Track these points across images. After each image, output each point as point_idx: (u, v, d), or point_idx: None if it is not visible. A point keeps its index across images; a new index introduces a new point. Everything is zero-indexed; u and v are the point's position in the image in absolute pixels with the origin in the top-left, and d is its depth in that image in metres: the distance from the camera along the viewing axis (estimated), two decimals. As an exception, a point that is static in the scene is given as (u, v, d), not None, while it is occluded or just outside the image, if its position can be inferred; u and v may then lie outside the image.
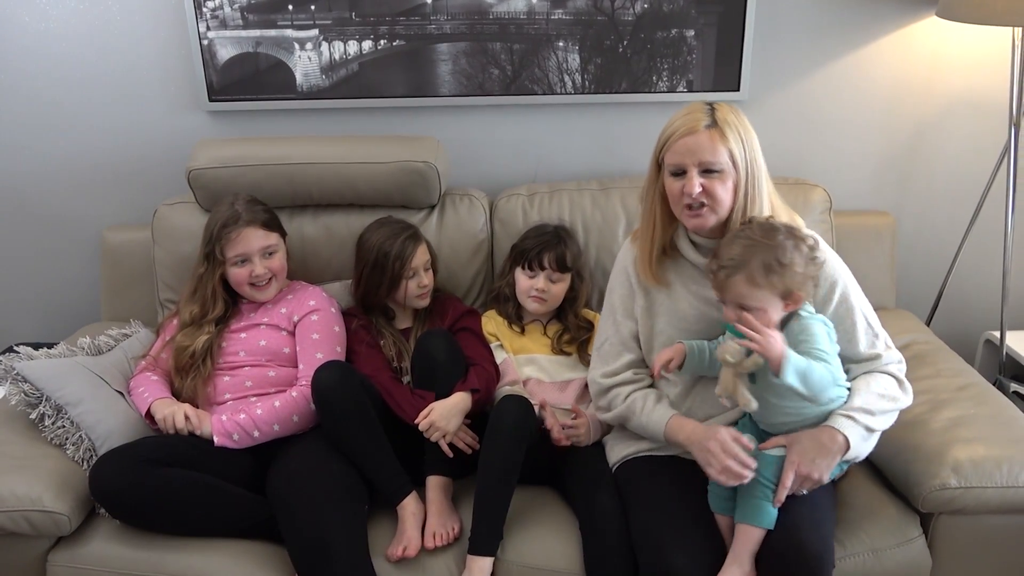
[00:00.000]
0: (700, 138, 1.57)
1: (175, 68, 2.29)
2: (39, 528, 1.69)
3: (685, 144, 1.58)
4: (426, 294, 2.02)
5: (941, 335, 2.22)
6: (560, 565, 1.68)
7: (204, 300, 1.97)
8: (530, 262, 2.00)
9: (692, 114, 1.60)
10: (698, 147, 1.57)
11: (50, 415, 1.84)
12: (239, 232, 1.94)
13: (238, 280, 1.97)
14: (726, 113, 1.60)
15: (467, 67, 2.28)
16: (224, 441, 1.80)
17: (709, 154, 1.57)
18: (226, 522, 1.73)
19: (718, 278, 1.55)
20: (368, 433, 1.77)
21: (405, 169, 2.12)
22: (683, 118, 1.60)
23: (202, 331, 1.95)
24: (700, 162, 1.57)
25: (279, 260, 2.01)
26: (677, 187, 1.60)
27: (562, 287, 2.00)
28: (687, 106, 1.63)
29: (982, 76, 2.29)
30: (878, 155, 2.40)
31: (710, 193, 1.58)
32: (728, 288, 1.53)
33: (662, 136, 1.63)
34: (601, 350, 1.80)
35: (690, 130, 1.58)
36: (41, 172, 2.40)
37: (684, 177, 1.59)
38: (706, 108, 1.60)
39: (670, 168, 1.61)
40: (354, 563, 1.64)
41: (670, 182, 1.62)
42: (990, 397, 1.89)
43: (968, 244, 2.32)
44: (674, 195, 1.62)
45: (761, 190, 1.62)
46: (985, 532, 1.70)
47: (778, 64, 2.30)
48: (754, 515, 1.54)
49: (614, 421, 1.78)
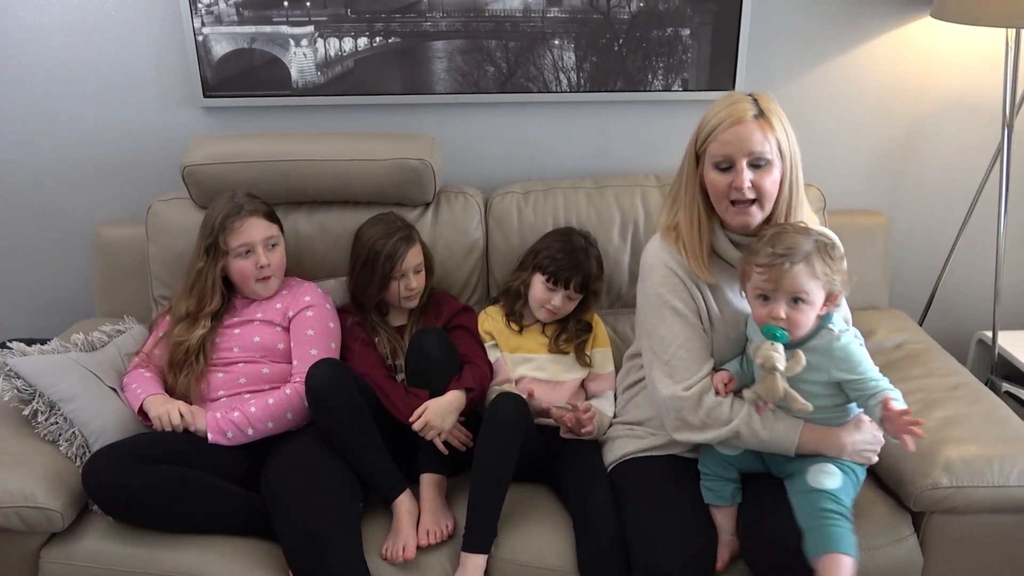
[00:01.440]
0: (749, 127, 1.52)
1: (170, 64, 2.28)
2: (32, 524, 1.68)
3: (735, 133, 1.52)
4: (414, 296, 2.01)
5: (934, 335, 2.23)
6: (553, 562, 1.68)
7: (202, 294, 1.96)
8: (556, 278, 1.94)
9: (737, 104, 1.54)
10: (748, 137, 1.52)
11: (43, 411, 1.83)
12: (243, 222, 1.94)
13: (244, 273, 1.96)
14: (769, 102, 1.56)
15: (462, 65, 2.28)
16: (218, 438, 1.80)
17: (759, 144, 1.52)
18: (220, 519, 1.73)
19: (776, 269, 1.49)
20: (362, 431, 1.77)
21: (400, 166, 2.11)
22: (728, 108, 1.54)
23: (197, 326, 1.94)
24: (750, 153, 1.52)
25: (279, 254, 2.00)
26: (724, 181, 1.55)
27: (574, 304, 1.99)
28: (727, 96, 1.58)
29: (975, 77, 2.30)
30: (872, 154, 2.41)
31: (758, 187, 1.54)
32: (787, 278, 1.48)
33: (704, 126, 1.57)
34: (672, 361, 1.63)
35: (738, 119, 1.52)
36: (35, 167, 2.39)
37: (731, 171, 1.54)
38: (749, 98, 1.56)
39: (715, 160, 1.55)
40: (348, 560, 1.64)
41: (714, 176, 1.56)
42: (982, 397, 1.90)
43: (961, 244, 2.33)
44: (719, 190, 1.56)
45: (801, 183, 1.59)
46: (977, 531, 1.71)
47: (773, 63, 2.30)
48: (839, 542, 1.46)
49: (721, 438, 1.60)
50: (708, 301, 1.66)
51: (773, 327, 1.50)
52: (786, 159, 1.55)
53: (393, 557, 1.68)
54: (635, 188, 2.22)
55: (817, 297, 1.51)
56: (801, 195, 1.60)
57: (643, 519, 1.61)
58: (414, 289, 1.99)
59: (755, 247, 1.54)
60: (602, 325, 2.06)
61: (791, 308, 1.50)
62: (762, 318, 1.53)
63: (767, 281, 1.51)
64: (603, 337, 2.04)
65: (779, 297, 1.51)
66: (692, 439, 1.62)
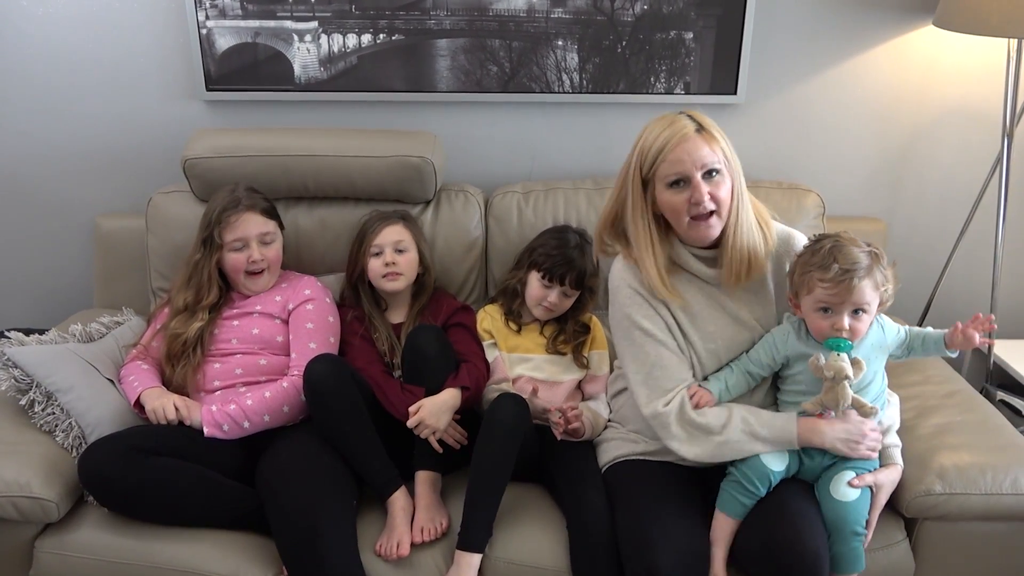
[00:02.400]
0: (695, 142, 1.55)
1: (173, 56, 2.29)
2: (26, 514, 1.68)
3: (684, 150, 1.55)
4: (393, 276, 1.99)
5: (930, 342, 2.24)
6: (547, 562, 1.69)
7: (199, 286, 1.97)
8: (551, 275, 1.96)
9: (676, 122, 1.57)
10: (697, 151, 1.55)
11: (40, 401, 1.83)
12: (239, 216, 1.95)
13: (235, 266, 1.97)
14: (702, 117, 1.60)
15: (466, 63, 2.28)
16: (214, 432, 1.80)
17: (708, 156, 1.55)
18: (214, 512, 1.73)
19: (845, 284, 1.53)
20: (358, 427, 1.77)
21: (401, 163, 2.12)
22: (668, 128, 1.57)
23: (195, 318, 1.94)
24: (703, 166, 1.55)
25: (275, 250, 2.01)
26: (680, 199, 1.57)
27: (571, 301, 1.99)
28: (660, 119, 1.60)
29: (977, 86, 2.31)
30: (872, 162, 2.41)
31: (715, 198, 1.56)
32: (855, 292, 1.53)
33: (648, 150, 1.57)
34: (648, 380, 1.65)
35: (683, 137, 1.55)
36: (36, 158, 2.39)
37: (687, 187, 1.56)
38: (683, 115, 1.59)
39: (668, 179, 1.57)
40: (342, 556, 1.64)
41: (669, 195, 1.58)
42: (977, 405, 1.91)
43: (958, 253, 2.34)
44: (677, 207, 1.58)
45: (744, 189, 1.62)
46: (968, 538, 1.72)
47: (775, 69, 2.31)
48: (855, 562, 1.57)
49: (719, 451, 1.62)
50: (678, 316, 1.68)
51: (837, 339, 1.56)
52: (733, 168, 1.59)
53: (387, 554, 1.68)
54: (635, 190, 2.22)
55: (875, 306, 1.59)
56: (745, 205, 1.62)
57: (636, 522, 1.61)
58: (391, 265, 1.99)
59: (816, 261, 1.56)
60: (600, 327, 2.06)
61: (853, 319, 1.56)
62: (824, 330, 1.58)
63: (834, 296, 1.54)
64: (601, 339, 2.04)
65: (843, 310, 1.56)
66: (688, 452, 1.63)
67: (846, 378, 1.55)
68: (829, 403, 1.58)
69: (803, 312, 1.62)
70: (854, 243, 1.58)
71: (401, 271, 2.00)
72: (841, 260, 1.54)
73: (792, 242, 1.71)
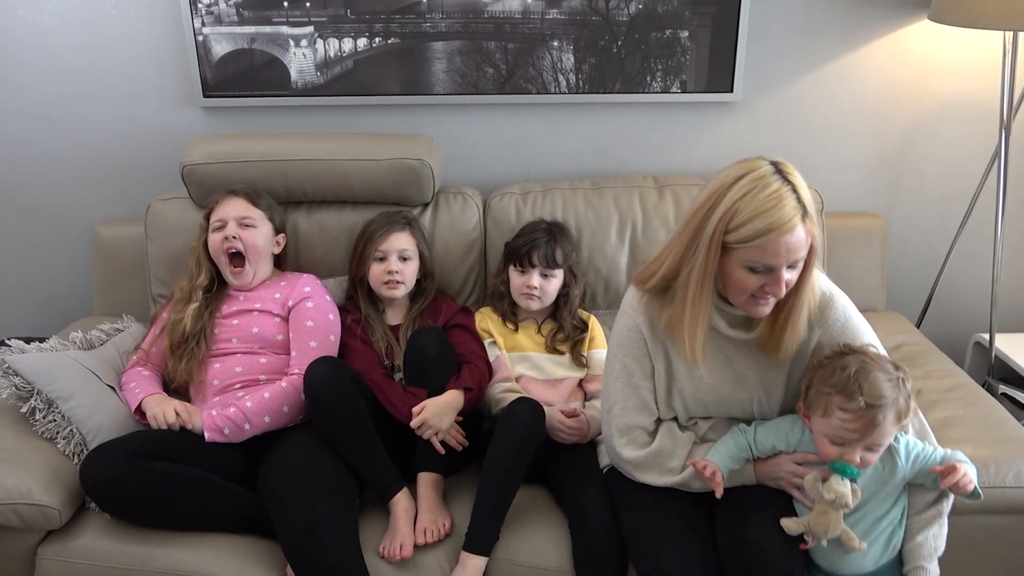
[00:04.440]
0: (798, 235, 1.39)
1: (170, 64, 2.29)
2: (29, 521, 1.68)
3: (785, 244, 1.38)
4: (394, 284, 2.00)
5: (931, 337, 2.23)
6: (549, 563, 1.68)
7: (190, 270, 2.01)
8: (521, 260, 2.00)
9: (783, 203, 1.37)
10: (797, 246, 1.39)
11: (41, 409, 1.84)
12: (224, 198, 2.03)
13: (213, 245, 2.00)
14: (799, 182, 1.41)
15: (462, 66, 2.28)
16: (215, 436, 1.80)
17: (804, 248, 1.41)
18: (217, 516, 1.73)
19: (865, 420, 1.40)
20: (360, 429, 1.77)
21: (399, 166, 2.12)
22: (776, 211, 1.36)
23: (191, 301, 1.96)
24: (795, 260, 1.41)
25: (254, 236, 2.00)
26: (754, 282, 1.43)
27: (555, 283, 2.00)
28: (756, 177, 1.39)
29: (973, 80, 2.31)
30: (869, 157, 2.41)
31: (788, 285, 1.44)
32: (876, 432, 1.41)
33: (743, 223, 1.38)
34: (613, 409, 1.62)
35: (791, 228, 1.37)
36: (34, 166, 2.39)
37: (767, 274, 1.42)
38: (787, 187, 1.39)
39: (750, 263, 1.41)
40: (345, 558, 1.64)
41: (742, 274, 1.43)
42: (979, 398, 1.90)
43: (958, 247, 2.34)
44: (744, 287, 1.44)
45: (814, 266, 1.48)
46: (972, 532, 1.71)
47: (771, 66, 2.31)
48: None
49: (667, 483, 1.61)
50: (674, 365, 1.59)
51: (844, 464, 1.44)
52: (816, 249, 1.44)
53: (390, 555, 1.68)
54: (633, 189, 2.23)
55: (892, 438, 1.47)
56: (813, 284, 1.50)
57: (642, 522, 1.61)
58: (394, 274, 1.99)
59: (838, 384, 1.42)
60: (599, 326, 2.06)
61: (866, 452, 1.44)
62: (831, 456, 1.45)
63: (852, 431, 1.42)
64: (600, 338, 2.04)
65: (858, 445, 1.43)
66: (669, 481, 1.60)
67: (844, 506, 1.43)
68: (817, 528, 1.45)
69: (813, 430, 1.50)
70: (880, 367, 1.43)
71: (403, 280, 2.01)
72: (867, 391, 1.39)
73: (828, 312, 1.56)
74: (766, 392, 1.61)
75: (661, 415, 1.64)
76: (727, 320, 1.56)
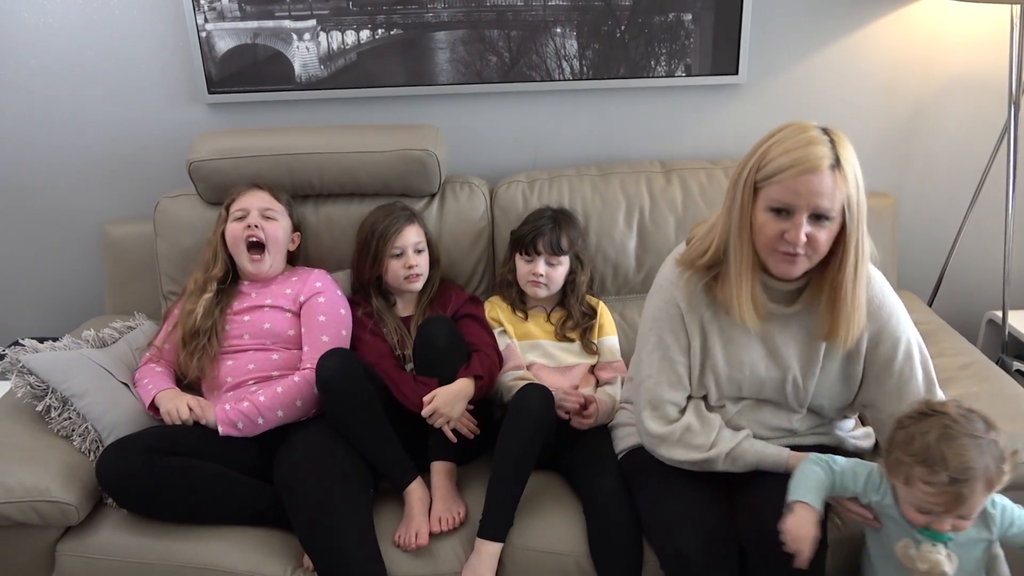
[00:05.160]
0: (822, 178, 1.35)
1: (174, 61, 2.30)
2: (47, 518, 1.70)
3: (806, 184, 1.35)
4: (415, 277, 2.01)
5: (943, 316, 2.22)
6: (565, 548, 1.68)
7: (206, 261, 2.02)
8: (526, 247, 2.00)
9: (814, 146, 1.36)
10: (819, 189, 1.35)
11: (56, 407, 1.85)
12: (247, 191, 2.05)
13: (235, 236, 2.00)
14: (845, 147, 1.39)
15: (465, 55, 2.28)
16: (229, 430, 1.81)
17: (827, 200, 1.36)
18: (232, 509, 1.74)
19: (950, 495, 1.30)
20: (372, 420, 1.78)
21: (405, 158, 2.12)
22: (803, 149, 1.36)
23: (205, 291, 1.97)
24: (816, 207, 1.37)
25: (276, 229, 2.02)
26: (775, 228, 1.40)
27: (561, 271, 2.00)
28: (799, 129, 1.39)
29: (981, 55, 2.29)
30: (878, 136, 2.40)
31: (813, 241, 1.40)
32: (965, 505, 1.31)
33: (768, 160, 1.39)
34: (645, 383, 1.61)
35: (813, 167, 1.35)
36: (42, 168, 2.41)
37: (787, 218, 1.39)
38: (826, 139, 1.38)
39: (772, 203, 1.40)
40: (362, 547, 1.65)
41: (765, 218, 1.41)
42: (992, 375, 1.89)
43: (969, 224, 2.32)
44: (768, 235, 1.42)
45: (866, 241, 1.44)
46: (988, 508, 1.71)
47: (776, 47, 2.30)
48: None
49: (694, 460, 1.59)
50: (708, 340, 1.57)
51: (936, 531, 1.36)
52: (853, 215, 1.39)
53: (406, 544, 1.68)
54: (640, 174, 2.22)
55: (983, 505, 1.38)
56: (866, 255, 1.45)
57: (658, 505, 1.61)
58: (413, 267, 2.00)
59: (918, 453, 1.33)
60: (608, 313, 2.06)
61: (957, 519, 1.35)
62: (918, 523, 1.38)
63: (937, 504, 1.33)
64: (610, 325, 2.04)
65: (947, 517, 1.34)
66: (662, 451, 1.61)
67: (942, 574, 1.34)
68: None
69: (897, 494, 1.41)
70: (966, 430, 1.30)
71: (421, 271, 2.02)
72: (952, 463, 1.28)
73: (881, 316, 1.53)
74: (801, 372, 1.58)
75: (692, 393, 1.62)
76: (768, 294, 1.53)
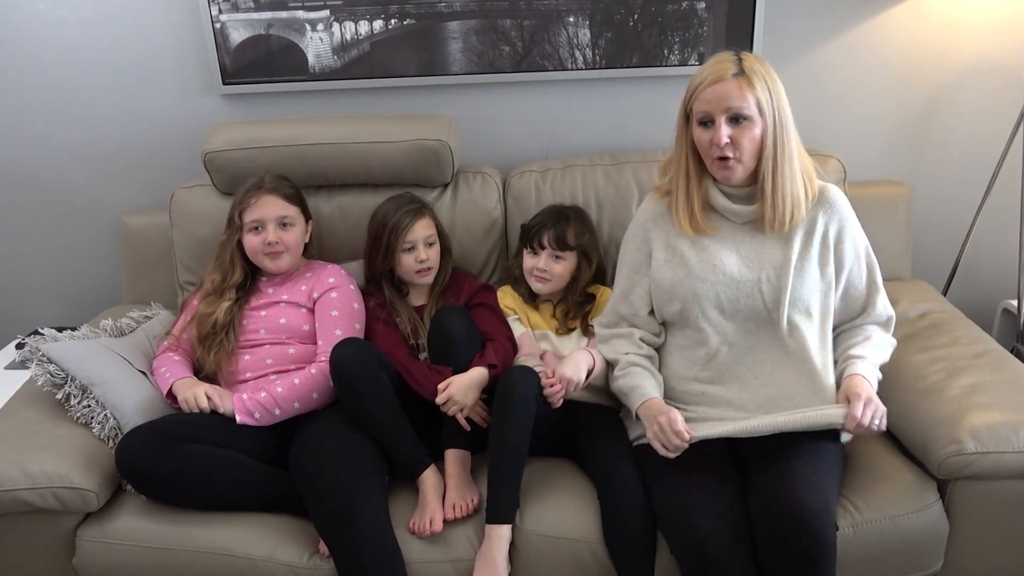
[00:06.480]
0: (728, 86, 1.58)
1: (188, 52, 2.31)
2: (67, 504, 1.72)
3: (713, 92, 1.59)
4: (426, 271, 2.02)
5: (958, 305, 2.21)
6: (578, 533, 1.69)
7: (224, 267, 2.01)
8: (531, 242, 2.01)
9: (720, 64, 1.61)
10: (726, 95, 1.58)
11: (75, 395, 1.87)
12: (259, 198, 1.98)
13: (252, 248, 2.00)
14: (753, 62, 1.61)
15: (478, 44, 2.28)
16: (246, 420, 1.83)
17: (736, 100, 1.58)
18: (250, 496, 1.76)
19: None
20: (387, 408, 1.79)
21: (418, 147, 2.13)
22: (711, 67, 1.62)
23: (223, 298, 1.98)
24: (728, 109, 1.59)
25: (294, 235, 2.02)
26: (706, 138, 1.63)
27: (565, 266, 2.00)
28: (715, 55, 1.65)
29: (997, 42, 2.27)
30: (892, 124, 2.38)
31: (736, 142, 1.60)
32: None
33: (690, 85, 1.65)
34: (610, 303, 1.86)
35: (718, 78, 1.59)
36: (58, 159, 2.43)
37: (712, 127, 1.61)
38: (733, 57, 1.62)
39: (698, 117, 1.63)
40: (377, 533, 1.66)
41: (698, 132, 1.64)
42: (1007, 364, 1.88)
43: (984, 212, 2.31)
44: (703, 146, 1.64)
45: (790, 139, 1.64)
46: (1002, 497, 1.70)
47: (790, 34, 2.29)
48: None
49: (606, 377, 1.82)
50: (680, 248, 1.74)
51: None
52: (767, 116, 1.60)
53: (421, 531, 1.70)
54: (653, 164, 2.21)
55: None
56: (788, 154, 1.63)
57: (672, 491, 1.62)
58: (425, 261, 2.01)
59: None
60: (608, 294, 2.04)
61: None
62: None
63: None
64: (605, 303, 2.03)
65: None
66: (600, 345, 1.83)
67: None
68: None
69: None
70: None
71: (432, 264, 2.03)
72: None
73: (828, 195, 1.73)
74: (776, 272, 1.69)
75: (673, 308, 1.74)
76: (726, 195, 1.71)
